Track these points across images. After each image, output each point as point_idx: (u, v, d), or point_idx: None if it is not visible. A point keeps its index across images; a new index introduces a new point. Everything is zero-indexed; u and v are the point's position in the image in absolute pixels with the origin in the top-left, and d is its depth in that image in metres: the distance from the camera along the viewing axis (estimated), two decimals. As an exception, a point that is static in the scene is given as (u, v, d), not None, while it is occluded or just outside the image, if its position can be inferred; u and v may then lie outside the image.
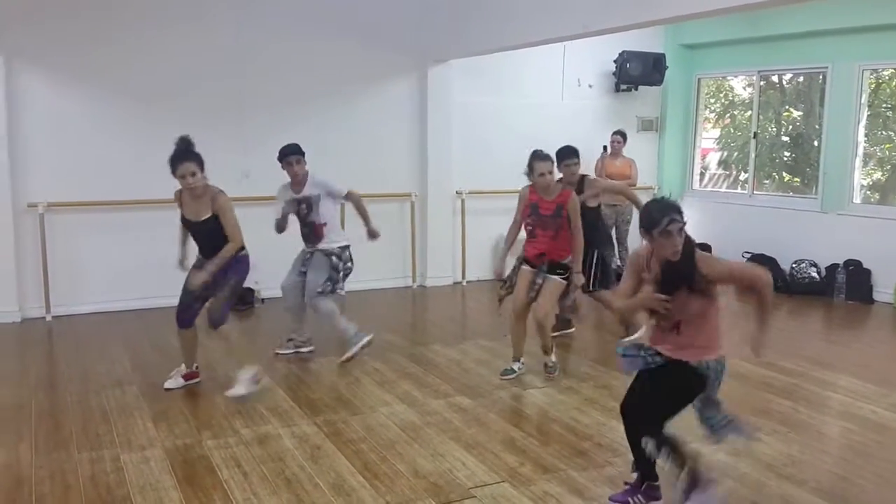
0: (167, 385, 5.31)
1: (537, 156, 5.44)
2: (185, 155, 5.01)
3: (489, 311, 8.44)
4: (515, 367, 5.68)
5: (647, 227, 3.32)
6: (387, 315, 7.72)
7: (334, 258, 5.97)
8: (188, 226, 5.21)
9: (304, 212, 5.97)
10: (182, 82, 7.68)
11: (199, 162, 5.03)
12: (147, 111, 7.57)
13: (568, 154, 6.07)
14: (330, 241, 5.99)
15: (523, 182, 5.65)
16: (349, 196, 6.13)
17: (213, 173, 7.70)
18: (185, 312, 5.27)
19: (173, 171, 4.98)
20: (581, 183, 6.25)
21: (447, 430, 4.67)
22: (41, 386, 5.45)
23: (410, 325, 7.66)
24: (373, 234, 6.22)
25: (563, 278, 5.50)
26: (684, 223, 3.30)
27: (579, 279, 5.57)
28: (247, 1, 7.85)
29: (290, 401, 5.16)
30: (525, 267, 5.58)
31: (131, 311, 7.32)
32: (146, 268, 7.28)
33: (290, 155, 5.90)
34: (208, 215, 5.06)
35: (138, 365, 5.92)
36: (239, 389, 5.08)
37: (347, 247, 6.09)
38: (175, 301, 5.34)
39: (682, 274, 3.33)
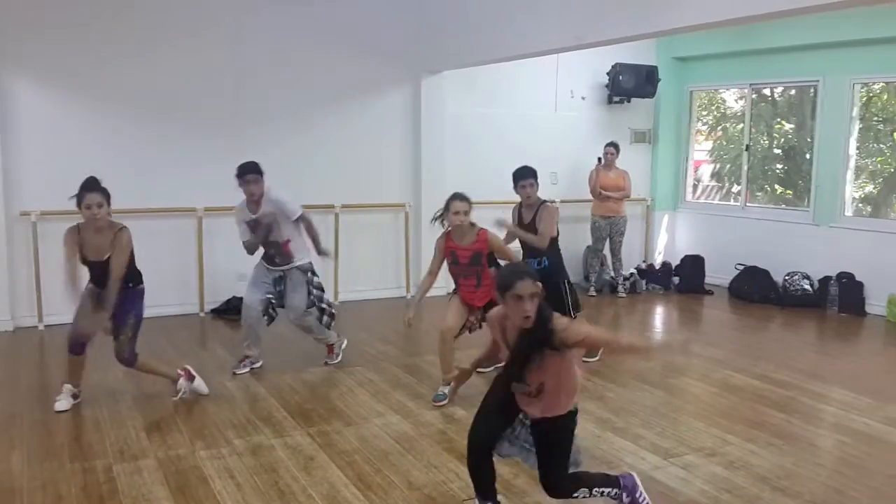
0: (58, 407, 5.06)
1: (455, 196, 5.37)
2: (91, 186, 4.87)
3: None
4: (446, 390, 5.29)
5: (499, 289, 3.22)
6: (380, 325, 7.71)
7: (309, 273, 5.95)
8: (88, 264, 4.99)
9: (262, 233, 5.79)
10: (176, 93, 7.68)
11: (106, 195, 4.91)
12: (141, 121, 7.57)
13: (525, 174, 5.99)
14: (300, 258, 5.92)
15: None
16: (301, 218, 5.91)
17: (208, 184, 7.78)
18: (80, 342, 5.11)
19: (78, 202, 4.85)
20: (538, 209, 6.02)
21: (441, 442, 4.66)
22: (33, 395, 5.42)
23: (404, 335, 7.64)
24: (323, 254, 6.16)
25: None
26: (538, 289, 3.16)
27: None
28: (242, 13, 7.87)
29: (283, 411, 5.14)
30: (456, 298, 5.56)
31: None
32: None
33: (248, 174, 5.70)
34: (109, 254, 4.91)
35: (131, 374, 5.86)
36: (179, 396, 5.27)
37: (311, 262, 6.06)
38: (168, 310, 5.35)
39: (539, 338, 3.20)
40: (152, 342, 6.69)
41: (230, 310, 7.79)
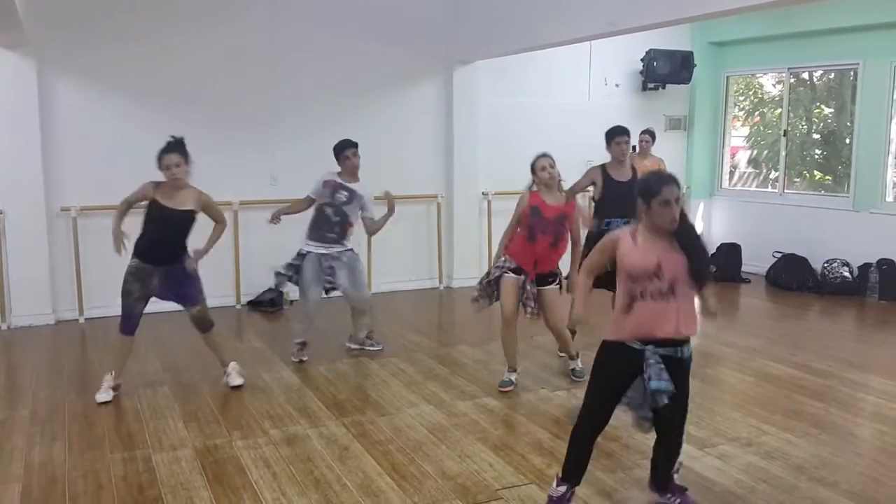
0: (99, 399, 5.14)
1: (540, 155, 5.42)
2: (173, 147, 5.10)
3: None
4: (512, 377, 5.47)
5: (644, 196, 3.32)
6: (413, 316, 7.74)
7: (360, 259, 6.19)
8: (162, 212, 5.08)
9: (340, 201, 5.97)
10: (211, 86, 7.78)
11: (185, 155, 5.11)
12: (177, 116, 7.61)
13: (621, 130, 6.03)
14: (351, 243, 6.08)
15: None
16: (368, 217, 6.16)
17: (243, 177, 7.86)
18: (131, 319, 5.22)
19: (159, 162, 5.04)
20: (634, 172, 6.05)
21: (474, 432, 4.67)
22: (74, 387, 5.53)
23: (437, 326, 7.67)
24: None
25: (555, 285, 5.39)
26: (681, 195, 3.33)
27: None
28: (275, 4, 7.92)
29: (318, 402, 5.20)
30: (509, 276, 5.30)
31: (163, 312, 7.33)
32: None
33: (348, 148, 6.05)
34: (190, 207, 5.10)
35: (169, 366, 6.00)
36: (236, 378, 5.43)
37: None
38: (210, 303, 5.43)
39: (687, 237, 3.35)
40: (189, 333, 6.80)
41: (266, 302, 7.88)
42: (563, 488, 3.57)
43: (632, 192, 5.51)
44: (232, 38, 7.80)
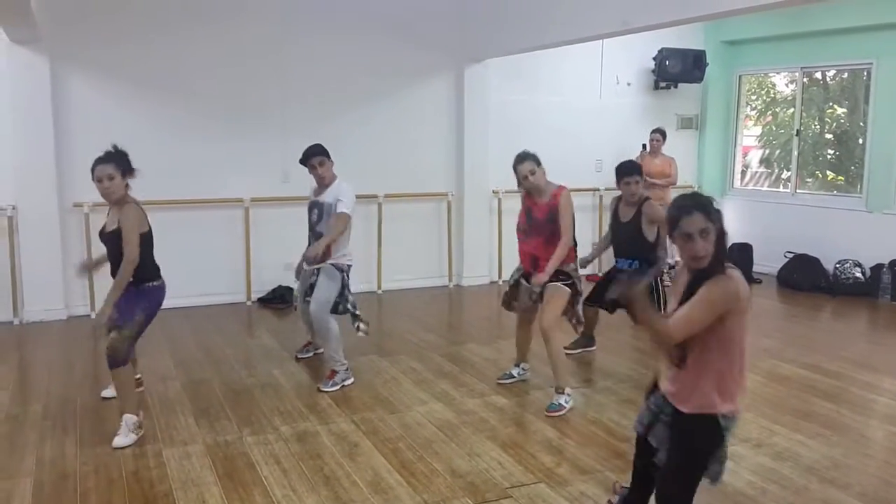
0: (104, 395, 5.10)
1: (518, 157, 5.15)
2: (107, 157, 4.44)
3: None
4: (514, 371, 5.52)
5: (668, 226, 2.88)
6: (423, 314, 7.75)
7: (345, 275, 5.45)
8: (101, 235, 4.60)
9: (313, 219, 5.51)
10: (222, 82, 7.80)
11: (123, 167, 4.44)
12: (190, 112, 7.71)
13: (630, 170, 5.65)
14: (338, 257, 5.43)
15: (559, 180, 5.27)
16: (339, 215, 5.33)
17: (254, 175, 7.88)
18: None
19: (91, 174, 4.43)
20: (641, 205, 5.69)
21: (484, 430, 4.67)
22: (86, 382, 5.56)
23: (447, 324, 7.67)
24: (308, 258, 5.51)
25: (566, 285, 5.08)
26: (711, 225, 2.78)
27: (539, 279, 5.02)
28: (287, 2, 7.93)
29: (328, 399, 5.20)
30: (524, 283, 5.26)
31: (176, 308, 7.37)
32: (190, 267, 7.37)
33: (312, 157, 5.45)
34: (116, 227, 4.43)
35: (181, 361, 6.02)
36: (123, 440, 4.40)
37: (350, 266, 5.56)
38: (216, 299, 5.39)
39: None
40: (199, 330, 6.85)
41: (276, 298, 7.90)
42: None
43: (631, 233, 5.63)
44: (245, 34, 7.82)
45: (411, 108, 8.68)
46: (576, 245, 5.19)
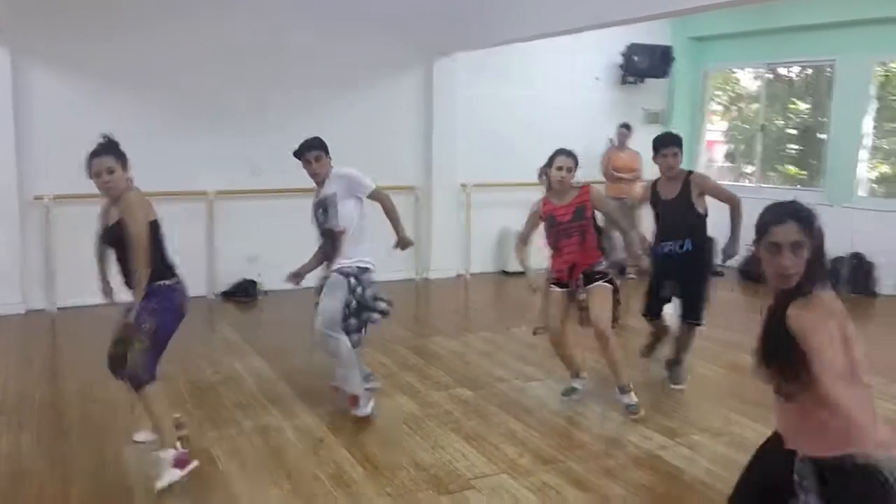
0: (137, 437, 4.37)
1: (560, 151, 4.83)
2: (104, 149, 4.03)
3: (492, 303, 8.47)
4: (577, 384, 5.13)
5: (756, 234, 2.47)
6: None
7: (352, 279, 4.75)
8: (101, 240, 4.13)
9: (321, 218, 4.83)
10: (187, 77, 7.70)
11: (121, 158, 4.03)
12: (154, 104, 7.60)
13: (669, 141, 5.19)
14: (347, 256, 4.80)
15: (527, 174, 5.19)
16: (374, 194, 4.88)
17: (224, 166, 7.79)
18: (111, 361, 4.16)
19: (88, 170, 4.03)
20: (686, 179, 5.27)
21: (448, 422, 4.67)
22: (44, 377, 5.48)
23: (413, 317, 7.66)
24: (404, 244, 5.08)
25: (606, 282, 4.87)
26: (807, 237, 2.38)
27: (642, 261, 4.96)
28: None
29: (292, 393, 5.17)
30: (555, 289, 4.93)
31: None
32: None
33: (308, 151, 4.80)
34: (119, 218, 3.93)
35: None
36: (165, 478, 3.80)
37: (367, 269, 4.89)
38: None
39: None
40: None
41: (239, 292, 7.84)
42: None
43: (680, 210, 5.24)
44: (210, 27, 7.72)
45: (379, 101, 8.64)
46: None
